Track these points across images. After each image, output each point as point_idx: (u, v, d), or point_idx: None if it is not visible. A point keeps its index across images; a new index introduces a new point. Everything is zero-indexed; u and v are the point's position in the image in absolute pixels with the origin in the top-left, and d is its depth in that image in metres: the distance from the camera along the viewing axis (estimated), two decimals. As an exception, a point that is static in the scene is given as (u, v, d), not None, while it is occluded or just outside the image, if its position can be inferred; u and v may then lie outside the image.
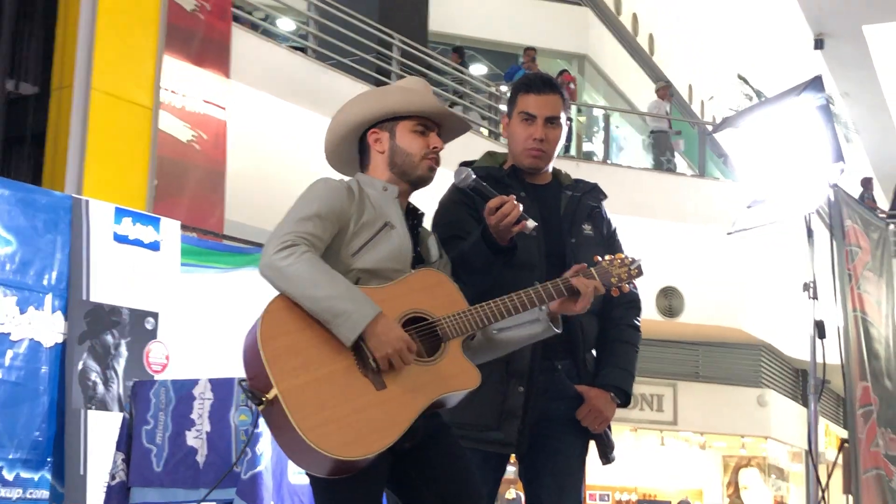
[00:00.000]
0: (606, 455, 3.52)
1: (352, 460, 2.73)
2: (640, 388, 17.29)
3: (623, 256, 3.15)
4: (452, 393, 2.91)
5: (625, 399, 3.48)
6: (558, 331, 3.12)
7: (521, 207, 3.08)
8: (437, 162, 3.12)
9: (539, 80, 3.54)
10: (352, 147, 3.17)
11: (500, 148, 3.74)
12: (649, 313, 15.51)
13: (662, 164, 17.22)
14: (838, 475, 5.70)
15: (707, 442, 19.00)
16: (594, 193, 3.62)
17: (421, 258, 3.09)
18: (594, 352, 3.53)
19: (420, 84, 3.18)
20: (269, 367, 2.74)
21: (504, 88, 16.26)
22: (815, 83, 5.06)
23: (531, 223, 3.09)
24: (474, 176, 3.20)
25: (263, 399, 2.74)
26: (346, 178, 3.09)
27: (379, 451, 2.75)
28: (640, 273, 3.15)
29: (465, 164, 3.46)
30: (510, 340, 3.12)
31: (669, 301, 15.98)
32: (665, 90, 17.69)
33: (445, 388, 2.89)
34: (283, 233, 2.86)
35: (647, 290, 15.67)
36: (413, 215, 3.14)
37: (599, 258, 3.13)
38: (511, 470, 3.64)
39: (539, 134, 3.46)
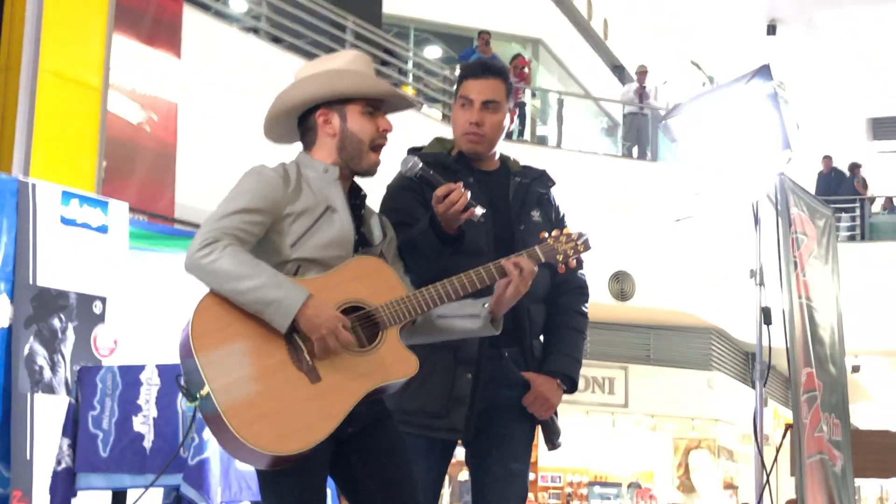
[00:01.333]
0: (552, 441, 3.54)
1: (287, 455, 2.73)
2: (592, 371, 17.41)
3: (570, 232, 3.14)
4: (390, 383, 2.91)
5: (571, 385, 3.50)
6: (496, 332, 3.12)
7: (468, 195, 3.08)
8: (384, 143, 3.10)
9: (479, 65, 3.54)
10: (292, 122, 3.13)
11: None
12: (601, 297, 15.60)
13: (630, 149, 17.29)
14: (787, 457, 5.77)
15: (658, 424, 19.16)
16: (543, 180, 3.62)
17: (365, 239, 3.07)
18: (541, 338, 3.55)
19: (364, 62, 3.14)
20: (202, 364, 2.73)
21: (458, 72, 16.23)
22: (764, 71, 5.10)
23: (479, 210, 3.10)
24: (421, 164, 3.20)
25: (198, 395, 2.74)
26: (284, 163, 3.05)
27: (313, 445, 2.75)
28: (587, 248, 3.13)
29: (413, 150, 3.46)
30: (448, 329, 3.12)
31: (621, 285, 16.08)
32: (643, 75, 17.70)
33: (382, 378, 2.89)
34: (205, 230, 2.84)
35: (599, 275, 15.78)
36: (356, 195, 3.11)
37: (546, 234, 3.13)
38: (462, 451, 3.65)
39: (475, 118, 3.44)
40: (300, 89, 3.07)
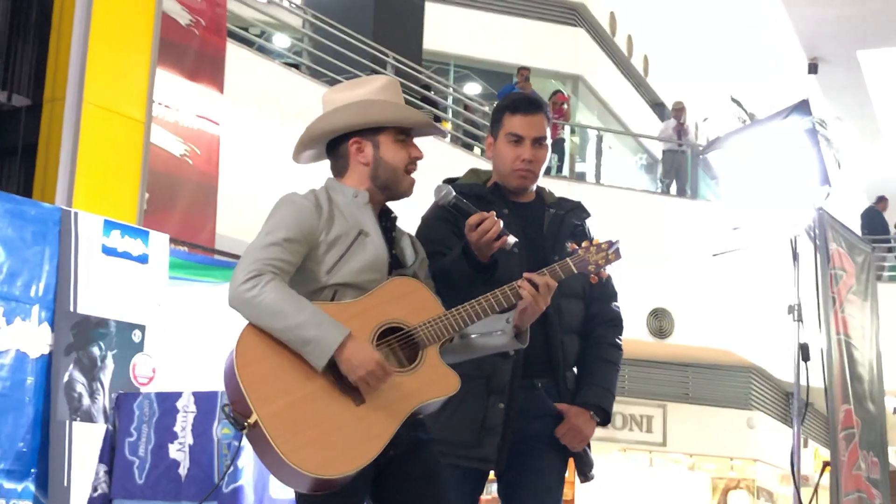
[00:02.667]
0: (585, 473, 3.53)
1: (333, 478, 2.77)
2: (630, 408, 17.29)
3: (600, 241, 3.15)
4: (432, 401, 2.94)
5: (604, 418, 3.49)
6: (522, 345, 3.12)
7: (501, 224, 3.10)
8: (415, 169, 3.13)
9: (527, 100, 3.56)
10: (321, 147, 3.17)
11: (490, 166, 3.77)
12: (639, 334, 15.52)
13: (668, 185, 17.24)
14: (826, 496, 5.70)
15: (696, 463, 18.97)
16: (577, 211, 3.64)
17: (397, 261, 3.10)
18: (575, 370, 3.55)
19: (394, 89, 3.16)
20: (248, 393, 2.77)
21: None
22: (802, 106, 5.09)
23: (512, 239, 3.11)
24: (454, 193, 3.22)
25: (245, 424, 2.78)
26: (314, 189, 3.08)
27: (359, 468, 2.79)
28: (617, 257, 3.13)
29: (448, 181, 3.48)
30: (481, 346, 3.13)
31: (660, 322, 15.99)
32: (680, 112, 17.67)
33: (425, 397, 2.92)
34: (247, 263, 2.88)
35: (637, 311, 15.71)
36: (386, 218, 3.14)
37: (576, 246, 3.15)
38: (493, 489, 3.65)
39: (528, 155, 3.48)
40: (333, 118, 3.10)
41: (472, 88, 19.74)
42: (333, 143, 3.13)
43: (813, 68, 21.74)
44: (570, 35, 20.47)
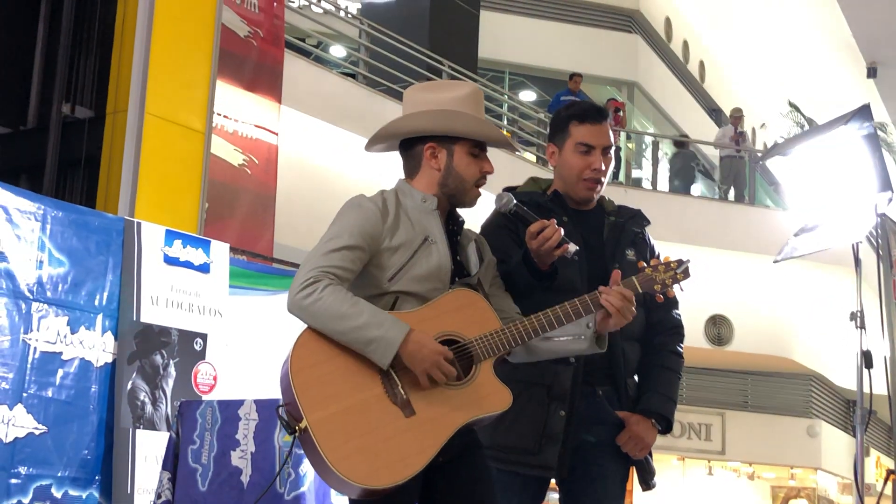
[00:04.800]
0: (647, 481, 3.51)
1: (380, 489, 2.78)
2: (688, 416, 17.16)
3: (669, 260, 3.14)
4: (483, 416, 2.94)
5: (666, 426, 3.47)
6: (602, 350, 3.12)
7: (562, 231, 3.10)
8: (484, 183, 3.16)
9: (593, 109, 3.53)
10: (394, 142, 3.18)
11: (547, 173, 3.76)
12: (698, 342, 15.42)
13: (726, 191, 17.12)
14: (889, 507, 5.63)
15: (756, 472, 18.79)
16: (637, 219, 3.63)
17: (461, 268, 3.11)
18: (636, 377, 3.54)
19: (478, 101, 3.16)
20: (300, 398, 2.80)
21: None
22: (863, 112, 5.03)
23: (572, 247, 3.11)
24: (514, 200, 3.23)
25: (297, 428, 2.81)
26: (384, 191, 3.10)
27: (406, 479, 2.80)
28: (686, 275, 3.11)
29: (507, 189, 3.48)
30: (550, 350, 3.13)
31: (718, 329, 15.87)
32: (738, 119, 17.52)
33: (476, 412, 2.91)
34: (306, 270, 2.91)
35: (696, 319, 15.61)
36: (453, 221, 3.16)
37: (644, 264, 3.14)
38: (553, 497, 3.65)
39: (598, 164, 3.47)
40: (416, 121, 3.11)
41: (528, 96, 19.73)
42: (408, 142, 3.15)
43: (872, 72, 21.48)
44: (626, 41, 20.41)
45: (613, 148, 3.53)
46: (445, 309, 2.98)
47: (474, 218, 3.30)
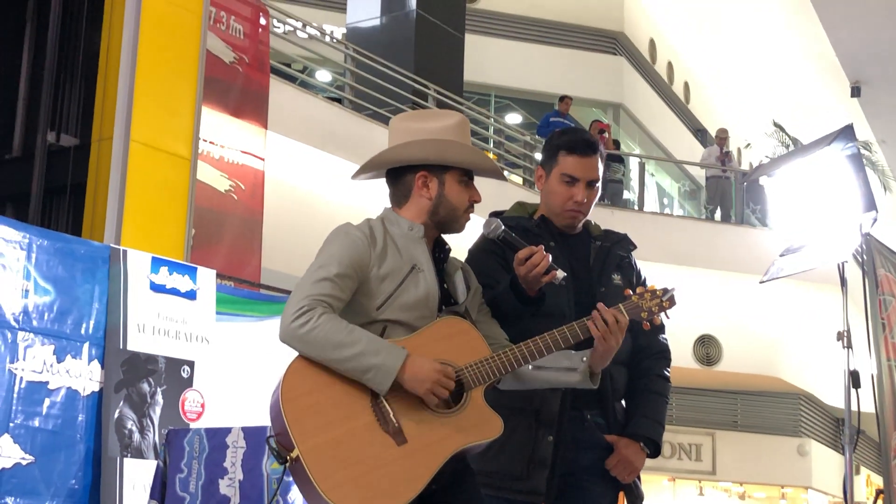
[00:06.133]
0: (635, 505, 3.52)
1: None
2: (678, 437, 17.15)
3: (655, 289, 3.14)
4: (474, 444, 2.93)
5: (654, 449, 3.48)
6: (594, 386, 3.13)
7: (550, 258, 3.11)
8: (472, 211, 3.17)
9: (584, 143, 3.53)
10: (382, 171, 3.18)
11: (534, 196, 3.78)
12: (687, 362, 15.42)
13: (713, 211, 17.18)
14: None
15: (746, 492, 18.76)
16: (623, 244, 3.64)
17: (448, 296, 3.11)
18: (623, 402, 3.54)
19: (466, 130, 3.18)
20: (291, 427, 2.79)
21: (539, 137, 16.36)
22: (846, 132, 5.06)
23: (560, 273, 3.11)
24: (503, 226, 3.24)
25: (288, 458, 2.79)
26: (370, 219, 3.09)
27: None
28: (672, 303, 3.12)
29: (494, 213, 3.49)
30: (540, 379, 3.13)
31: (707, 349, 15.88)
32: (724, 140, 17.57)
33: (466, 440, 2.91)
34: (298, 300, 2.89)
35: (684, 339, 15.63)
36: (440, 249, 3.16)
37: (630, 292, 3.14)
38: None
39: (581, 197, 3.48)
40: (408, 151, 3.11)
41: (513, 118, 19.79)
42: (397, 170, 3.15)
43: (856, 91, 21.60)
44: (610, 63, 20.50)
45: (600, 182, 3.53)
46: (436, 337, 2.98)
47: (461, 244, 3.30)
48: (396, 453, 2.83)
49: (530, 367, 3.09)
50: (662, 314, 3.12)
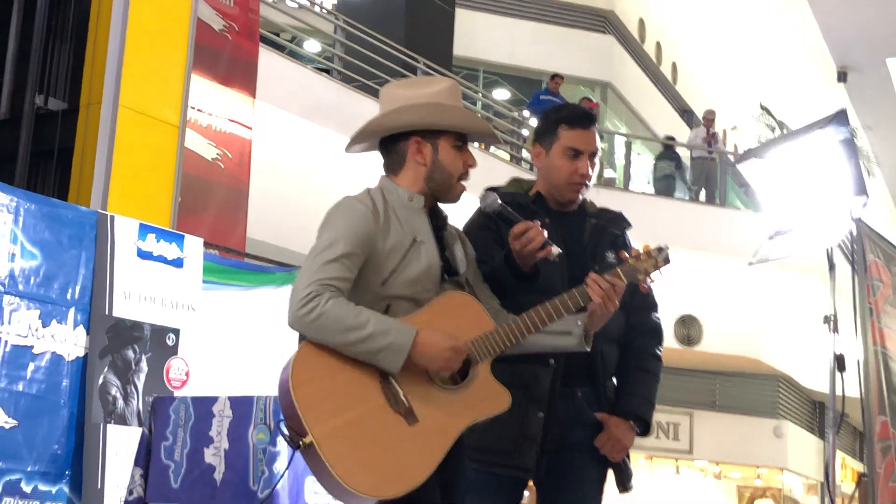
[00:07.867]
0: (624, 484, 3.52)
1: (391, 498, 2.79)
2: (657, 416, 16.93)
3: (649, 249, 3.15)
4: (484, 418, 2.95)
5: (644, 428, 3.48)
6: (588, 348, 3.13)
7: (545, 233, 3.10)
8: (468, 177, 3.15)
9: (584, 114, 3.53)
10: (375, 140, 3.15)
11: (521, 172, 3.77)
12: (667, 341, 15.33)
13: (697, 192, 17.18)
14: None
15: (722, 472, 18.89)
16: (618, 222, 3.63)
17: (449, 265, 3.10)
18: (614, 380, 3.54)
19: (457, 94, 3.16)
20: (303, 413, 2.78)
21: (526, 114, 16.32)
22: (840, 117, 5.06)
23: (555, 249, 3.11)
24: (500, 200, 3.23)
25: (301, 443, 2.79)
26: (369, 189, 3.07)
27: (415, 487, 2.80)
28: (667, 262, 3.14)
29: (491, 189, 3.48)
30: (538, 344, 3.12)
31: (687, 330, 15.94)
32: (710, 121, 17.56)
33: (477, 414, 2.93)
34: (305, 283, 2.85)
35: (665, 319, 15.55)
36: (437, 218, 3.14)
37: (626, 255, 3.15)
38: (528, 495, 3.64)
39: (585, 169, 3.47)
40: (401, 116, 3.08)
41: (501, 94, 19.75)
42: (390, 139, 3.12)
43: (842, 76, 21.66)
44: (599, 42, 20.47)
45: (599, 154, 3.54)
46: (439, 312, 2.97)
47: (457, 218, 3.29)
48: (409, 433, 2.84)
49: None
50: (657, 272, 3.11)
